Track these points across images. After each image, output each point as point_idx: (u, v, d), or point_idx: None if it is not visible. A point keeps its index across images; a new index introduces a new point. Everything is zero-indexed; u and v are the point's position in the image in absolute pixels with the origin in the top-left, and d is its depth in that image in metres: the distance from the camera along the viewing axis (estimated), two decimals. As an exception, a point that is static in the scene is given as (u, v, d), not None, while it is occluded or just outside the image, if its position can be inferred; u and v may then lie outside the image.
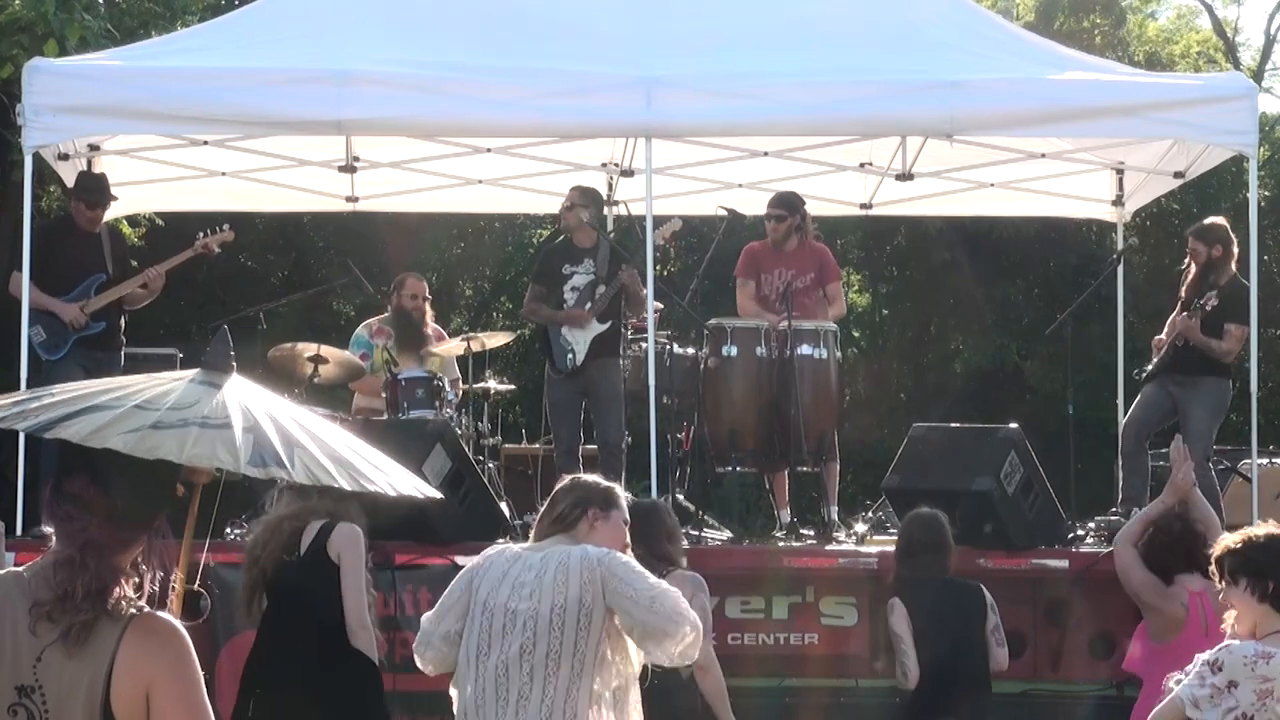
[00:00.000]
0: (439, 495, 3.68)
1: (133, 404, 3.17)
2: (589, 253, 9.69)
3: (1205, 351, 9.06)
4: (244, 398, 3.31)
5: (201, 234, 9.55)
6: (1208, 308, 8.98)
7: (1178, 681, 4.84)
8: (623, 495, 4.98)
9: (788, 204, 9.82)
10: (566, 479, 5.00)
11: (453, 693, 4.74)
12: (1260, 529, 5.01)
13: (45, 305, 8.96)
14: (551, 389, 9.75)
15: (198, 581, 3.48)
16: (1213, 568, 5.04)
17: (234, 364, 3.41)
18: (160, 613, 3.15)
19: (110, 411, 3.13)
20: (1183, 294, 9.45)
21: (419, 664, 4.86)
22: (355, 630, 6.10)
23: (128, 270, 9.43)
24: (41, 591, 3.09)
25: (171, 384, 3.31)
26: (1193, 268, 9.36)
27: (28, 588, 3.11)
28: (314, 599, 6.09)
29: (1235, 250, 9.31)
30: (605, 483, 4.97)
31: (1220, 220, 9.78)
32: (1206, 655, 4.81)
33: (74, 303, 9.05)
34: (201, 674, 3.14)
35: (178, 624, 3.15)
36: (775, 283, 9.70)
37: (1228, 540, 4.99)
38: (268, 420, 3.26)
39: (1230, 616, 4.95)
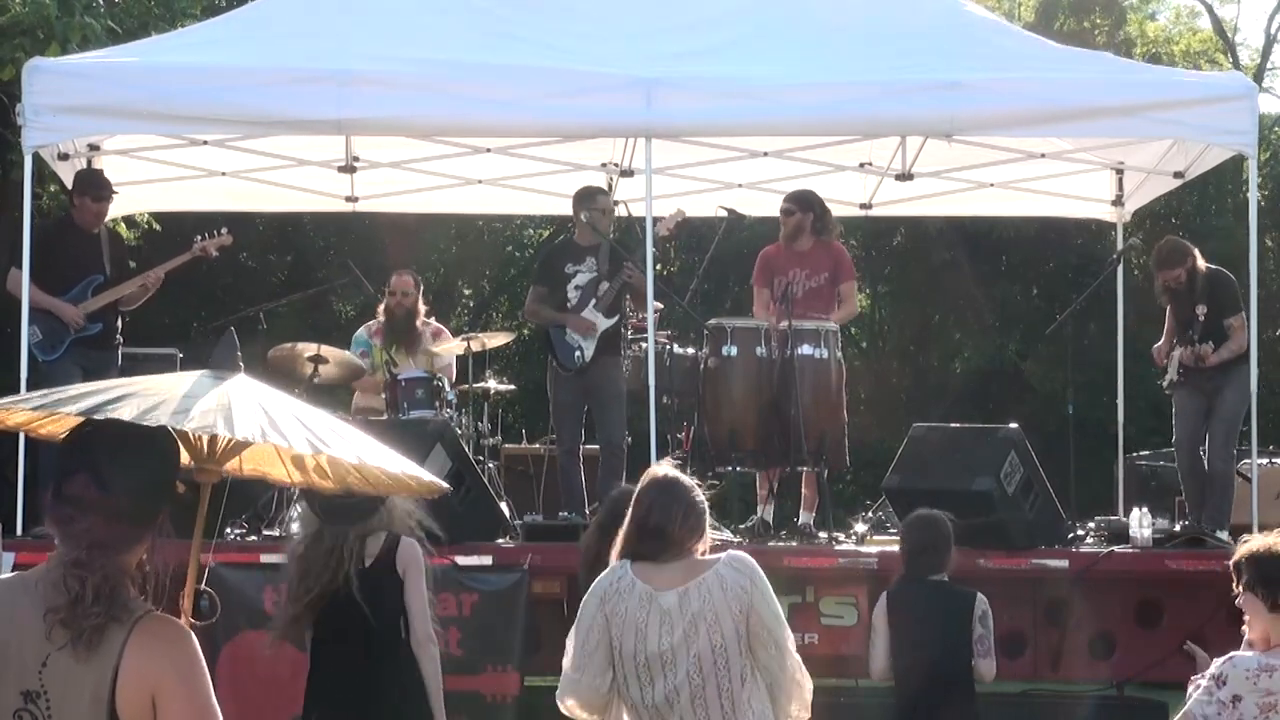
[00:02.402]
0: (446, 487, 3.68)
1: (166, 395, 3.19)
2: (590, 251, 9.69)
3: (1222, 362, 9.06)
4: (259, 395, 3.32)
5: (199, 237, 9.55)
6: (1205, 352, 8.94)
7: (1196, 686, 4.83)
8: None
9: (799, 200, 9.83)
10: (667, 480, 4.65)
11: None
12: (1277, 539, 4.99)
13: (44, 305, 8.95)
14: (557, 388, 9.74)
15: (203, 582, 3.48)
16: (1231, 572, 5.02)
17: (241, 365, 3.42)
18: (166, 615, 3.14)
19: (148, 398, 3.15)
20: (1173, 315, 9.40)
21: (564, 710, 4.62)
22: (423, 644, 6.02)
23: (125, 271, 9.43)
24: (53, 597, 3.07)
25: (190, 381, 3.32)
26: (1178, 289, 9.29)
27: (34, 592, 3.10)
28: (378, 612, 6.04)
29: (1195, 250, 9.34)
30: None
31: (1168, 239, 9.77)
32: (1213, 669, 4.80)
33: (71, 303, 9.05)
34: (209, 676, 3.13)
35: (184, 626, 3.15)
36: (791, 284, 9.71)
37: (1249, 547, 4.97)
38: (297, 415, 3.29)
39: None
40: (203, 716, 3.09)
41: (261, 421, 3.17)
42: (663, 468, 4.74)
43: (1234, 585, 4.94)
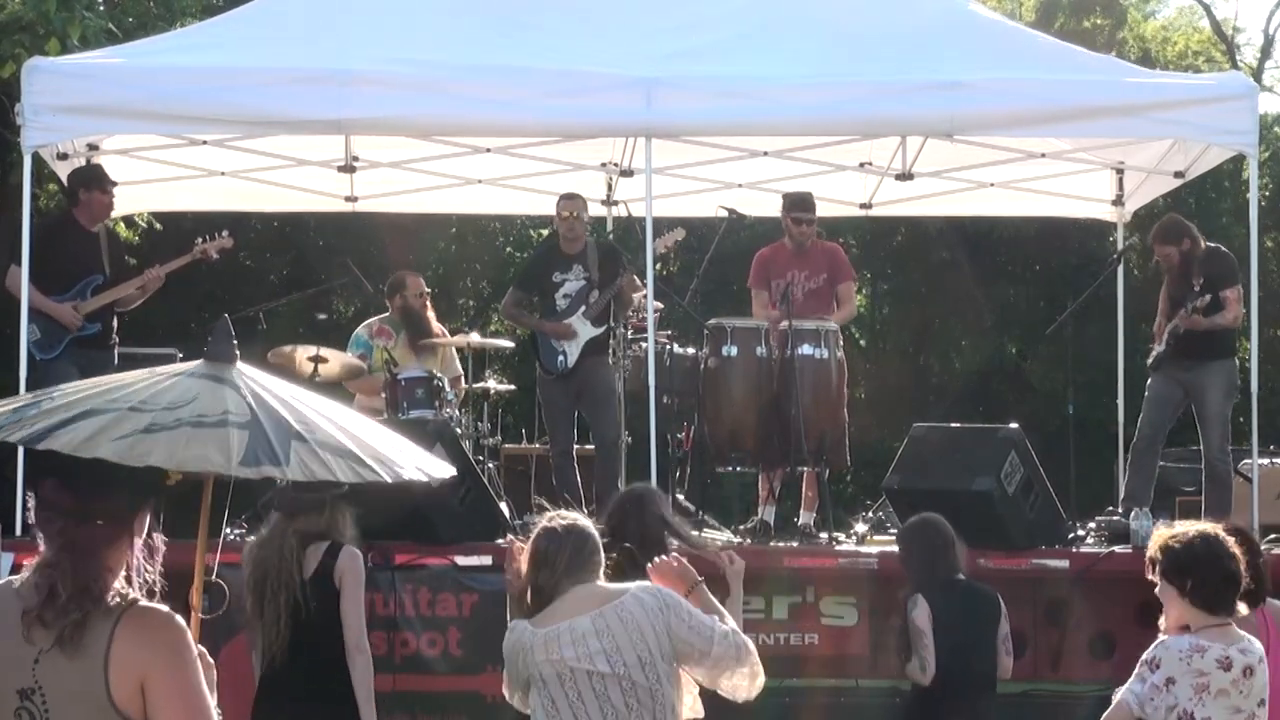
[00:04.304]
0: (450, 472, 3.66)
1: (128, 406, 3.18)
2: (577, 258, 9.70)
3: (1212, 329, 9.08)
4: (249, 387, 3.30)
5: (201, 239, 9.55)
6: (1198, 305, 8.98)
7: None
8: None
9: (811, 206, 9.85)
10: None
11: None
12: (1190, 528, 5.05)
13: (41, 307, 8.95)
14: (544, 389, 9.77)
15: (214, 575, 3.48)
16: (1148, 564, 5.09)
17: (237, 354, 3.41)
18: (154, 604, 3.16)
19: (104, 416, 3.15)
20: (1167, 294, 9.43)
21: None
22: (353, 654, 6.07)
23: (123, 271, 9.43)
24: (30, 598, 3.12)
25: (171, 379, 3.31)
26: (1170, 267, 9.35)
27: (15, 597, 3.14)
28: (314, 623, 6.04)
29: (1196, 230, 9.42)
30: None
31: (1170, 216, 9.87)
32: (1146, 654, 4.86)
33: (69, 303, 9.04)
34: (199, 663, 3.15)
35: (173, 614, 3.16)
36: (791, 285, 9.71)
37: (1161, 539, 5.04)
38: (271, 411, 3.26)
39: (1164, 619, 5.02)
40: (188, 701, 3.12)
41: (260, 448, 3.16)
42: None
43: (1149, 574, 5.00)
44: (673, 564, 4.75)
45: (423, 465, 3.47)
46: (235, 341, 3.41)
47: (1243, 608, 5.01)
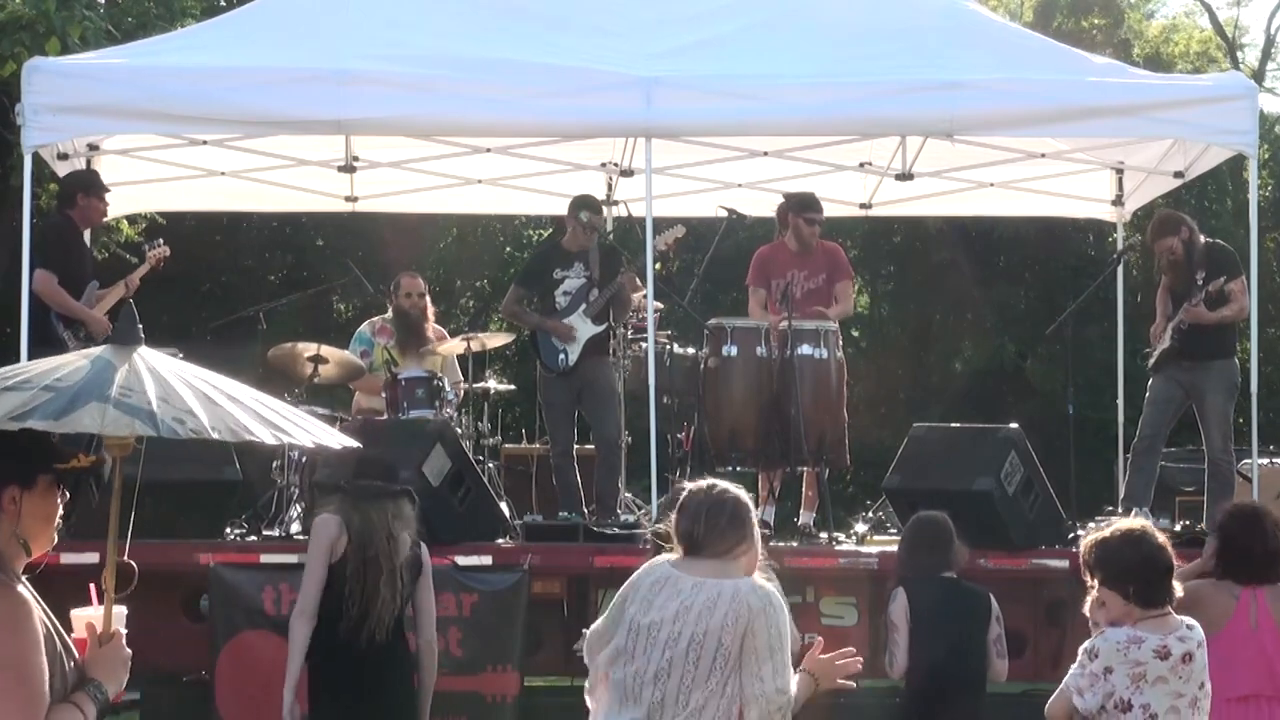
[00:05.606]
0: (349, 444, 3.71)
1: (47, 381, 3.25)
2: (579, 256, 9.70)
3: (1217, 323, 9.06)
4: (132, 365, 3.34)
5: (147, 246, 9.80)
6: (1210, 290, 8.97)
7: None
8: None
9: (821, 205, 9.85)
10: (718, 493, 4.60)
11: (589, 702, 4.65)
12: (1113, 531, 5.07)
13: (78, 314, 8.99)
14: (545, 389, 9.77)
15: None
16: (1081, 564, 5.11)
17: (141, 337, 3.48)
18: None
19: (26, 390, 3.21)
20: (1167, 292, 9.41)
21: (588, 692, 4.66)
22: (431, 645, 6.37)
23: (101, 274, 9.57)
24: None
25: (70, 361, 3.37)
26: (1175, 260, 9.34)
27: None
28: (400, 612, 6.26)
29: (1193, 222, 9.41)
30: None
31: (1163, 210, 9.87)
32: (1086, 644, 4.94)
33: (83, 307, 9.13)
34: (31, 639, 3.17)
35: (7, 590, 3.20)
36: (791, 285, 9.71)
37: (1087, 546, 5.07)
38: (106, 378, 3.27)
39: (1091, 597, 5.02)
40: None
41: (46, 406, 3.19)
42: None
43: (1089, 581, 5.00)
44: (816, 652, 4.63)
45: (286, 432, 3.43)
46: (139, 325, 3.50)
47: (1178, 589, 5.01)
